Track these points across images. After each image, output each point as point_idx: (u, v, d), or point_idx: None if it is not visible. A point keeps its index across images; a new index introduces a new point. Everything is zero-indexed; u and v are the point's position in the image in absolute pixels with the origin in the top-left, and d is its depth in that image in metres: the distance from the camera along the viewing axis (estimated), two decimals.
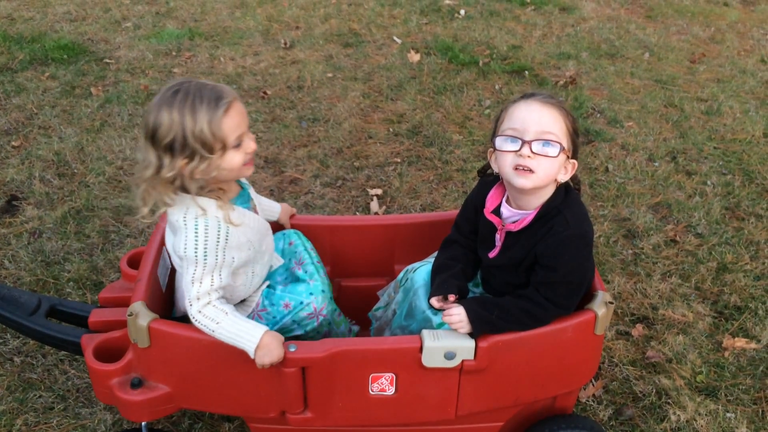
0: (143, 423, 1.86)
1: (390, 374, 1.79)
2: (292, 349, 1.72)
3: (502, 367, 1.80)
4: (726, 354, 2.47)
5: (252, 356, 1.68)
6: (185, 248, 1.67)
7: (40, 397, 2.26)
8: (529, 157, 1.70)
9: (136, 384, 1.78)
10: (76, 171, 3.46)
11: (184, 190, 1.69)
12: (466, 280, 1.93)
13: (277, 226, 2.19)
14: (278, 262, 2.08)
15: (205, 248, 1.68)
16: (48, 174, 3.41)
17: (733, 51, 5.07)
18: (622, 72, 4.70)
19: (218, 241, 1.69)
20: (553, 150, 1.70)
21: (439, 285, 1.87)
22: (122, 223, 3.10)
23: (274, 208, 2.18)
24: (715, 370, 2.41)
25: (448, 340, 1.75)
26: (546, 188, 1.77)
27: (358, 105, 4.19)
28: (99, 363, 1.80)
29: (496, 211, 1.87)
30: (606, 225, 3.16)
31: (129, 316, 1.73)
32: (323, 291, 1.96)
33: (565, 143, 1.72)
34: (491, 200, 1.89)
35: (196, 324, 1.70)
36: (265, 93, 4.27)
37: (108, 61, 4.62)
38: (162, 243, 2.00)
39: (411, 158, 3.67)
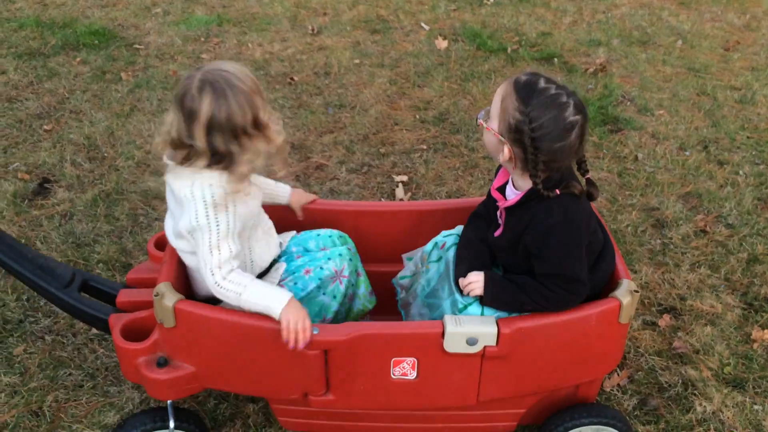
0: (168, 402, 1.89)
1: (412, 359, 1.79)
2: (315, 332, 1.73)
3: (525, 354, 1.79)
4: (755, 346, 2.43)
5: (277, 317, 1.69)
6: (197, 217, 1.70)
7: (70, 374, 2.31)
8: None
9: (162, 363, 1.81)
10: (106, 155, 3.51)
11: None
12: (492, 263, 1.92)
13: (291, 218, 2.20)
14: (288, 234, 2.11)
15: (216, 214, 1.70)
16: (79, 157, 3.46)
17: None
18: (654, 59, 4.62)
19: (227, 208, 1.72)
20: (480, 122, 1.76)
21: (466, 263, 1.87)
22: (150, 206, 3.14)
23: (280, 192, 2.15)
24: (743, 362, 2.37)
25: (471, 325, 1.75)
26: (515, 169, 1.75)
27: (384, 91, 4.17)
28: (126, 342, 1.83)
29: (502, 189, 1.87)
30: (634, 214, 3.12)
31: (155, 296, 1.75)
32: (340, 255, 2.00)
33: (495, 123, 1.69)
34: (499, 178, 1.89)
35: (221, 291, 1.72)
36: (292, 79, 4.29)
37: (138, 46, 4.66)
38: None
39: (437, 145, 3.65)
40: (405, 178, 3.38)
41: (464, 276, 1.84)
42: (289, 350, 1.71)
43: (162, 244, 2.16)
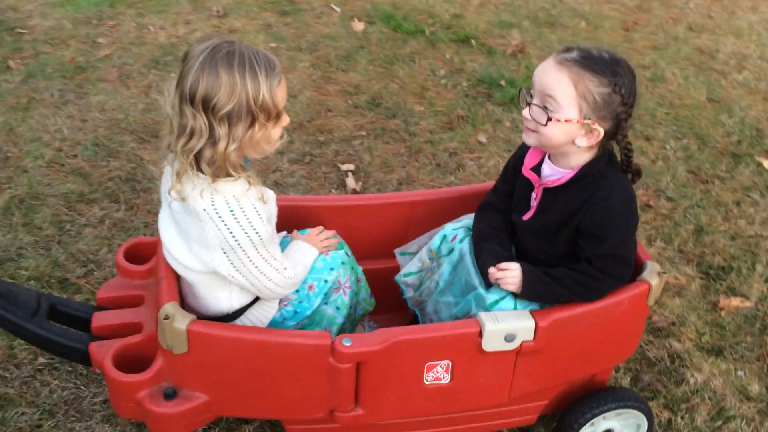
0: None
1: (446, 362, 1.68)
2: (348, 344, 1.57)
3: (558, 345, 1.73)
4: (722, 314, 2.54)
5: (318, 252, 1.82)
6: (234, 236, 1.52)
7: (22, 414, 1.99)
8: (527, 119, 1.67)
9: (171, 394, 1.57)
10: (9, 155, 3.07)
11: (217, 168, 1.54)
12: (511, 250, 1.84)
13: None
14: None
15: (253, 226, 1.54)
16: None
17: (662, 19, 5.22)
18: (565, 40, 4.73)
19: (260, 216, 1.55)
20: (542, 117, 1.62)
21: (489, 253, 1.78)
22: (76, 211, 2.79)
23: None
24: (717, 330, 2.47)
25: (508, 321, 1.66)
26: (583, 150, 1.68)
27: (309, 76, 3.98)
28: (123, 374, 1.58)
29: (536, 169, 1.80)
30: None
31: (164, 319, 1.52)
32: (342, 263, 1.83)
33: (573, 111, 1.60)
34: (531, 157, 1.81)
35: (293, 287, 1.74)
36: None
37: (21, 30, 4.13)
38: None
39: (376, 131, 3.53)
40: (352, 166, 3.23)
41: (492, 264, 1.75)
42: (321, 366, 1.55)
43: (133, 255, 1.90)
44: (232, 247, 1.54)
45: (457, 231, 1.92)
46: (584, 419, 1.87)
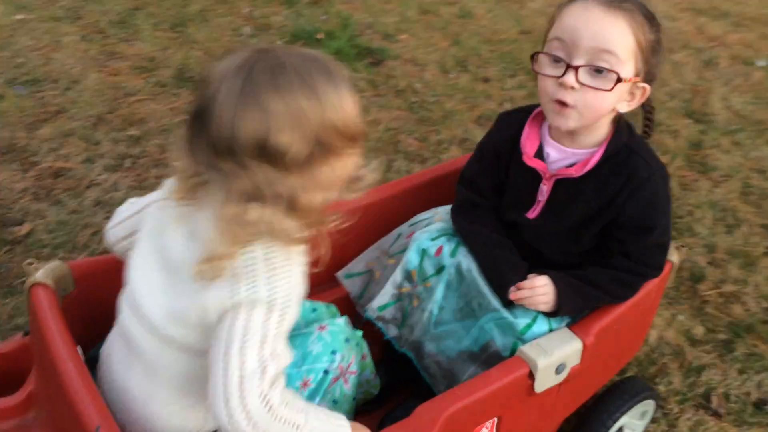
0: None
1: (492, 420, 1.31)
2: None
3: (597, 356, 1.45)
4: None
5: None
6: (254, 286, 0.99)
7: None
8: (572, 88, 1.29)
9: None
10: None
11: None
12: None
13: None
14: None
15: (288, 295, 1.01)
16: None
17: None
18: None
19: (301, 293, 1.06)
20: (606, 82, 1.28)
21: (505, 265, 1.41)
22: None
23: None
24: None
25: (558, 350, 1.33)
26: (609, 120, 1.38)
27: (85, 53, 3.13)
28: None
29: (539, 155, 1.44)
30: (453, 149, 2.90)
31: None
32: (347, 339, 1.32)
33: (630, 67, 1.29)
34: (530, 140, 1.44)
35: (268, 421, 0.97)
36: None
37: None
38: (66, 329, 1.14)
39: None
40: None
41: (511, 284, 1.38)
42: None
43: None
44: (239, 302, 0.99)
45: (438, 242, 1.50)
46: (607, 427, 1.62)
